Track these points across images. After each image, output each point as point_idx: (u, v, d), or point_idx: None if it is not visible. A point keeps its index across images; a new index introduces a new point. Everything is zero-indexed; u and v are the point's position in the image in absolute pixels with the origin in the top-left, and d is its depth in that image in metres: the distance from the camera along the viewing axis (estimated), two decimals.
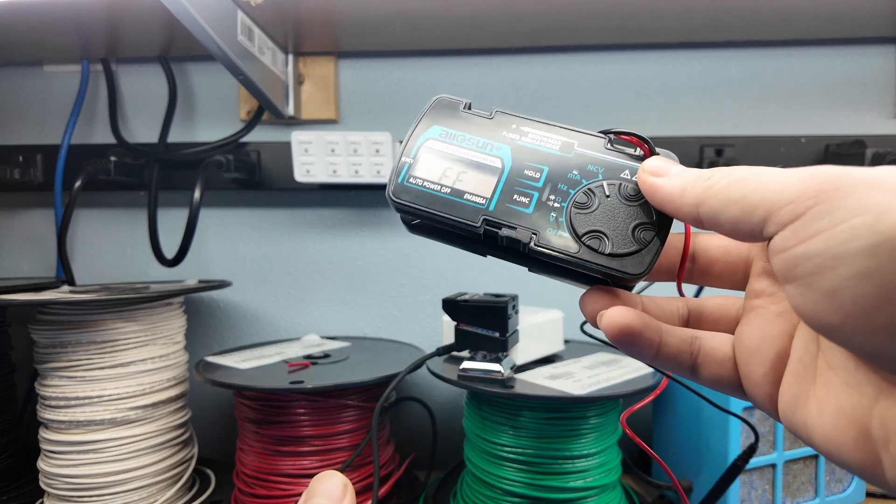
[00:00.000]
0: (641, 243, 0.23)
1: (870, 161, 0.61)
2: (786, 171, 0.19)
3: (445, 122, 0.26)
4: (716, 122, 0.72)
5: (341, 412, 0.57)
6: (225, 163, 0.68)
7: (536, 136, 0.25)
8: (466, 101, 0.26)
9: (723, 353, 0.24)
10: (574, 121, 0.24)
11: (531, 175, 0.25)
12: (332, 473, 0.22)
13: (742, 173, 0.20)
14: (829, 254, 0.16)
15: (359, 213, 0.77)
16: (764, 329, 0.23)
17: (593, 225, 0.23)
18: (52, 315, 0.55)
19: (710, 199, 0.20)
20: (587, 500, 0.50)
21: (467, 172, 0.25)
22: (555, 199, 0.24)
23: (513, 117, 0.26)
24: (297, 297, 0.78)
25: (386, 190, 0.25)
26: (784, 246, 0.18)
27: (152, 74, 0.76)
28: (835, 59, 0.71)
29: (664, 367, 0.24)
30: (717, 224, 0.20)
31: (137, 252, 0.79)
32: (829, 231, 0.16)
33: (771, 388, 0.22)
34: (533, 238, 0.24)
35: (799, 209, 0.17)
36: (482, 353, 0.52)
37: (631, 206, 0.24)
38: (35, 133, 0.78)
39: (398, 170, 0.25)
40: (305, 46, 0.73)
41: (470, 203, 0.24)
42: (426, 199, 0.25)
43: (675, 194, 0.22)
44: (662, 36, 0.70)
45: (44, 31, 0.67)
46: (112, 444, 0.55)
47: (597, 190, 0.24)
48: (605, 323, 0.23)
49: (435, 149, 0.25)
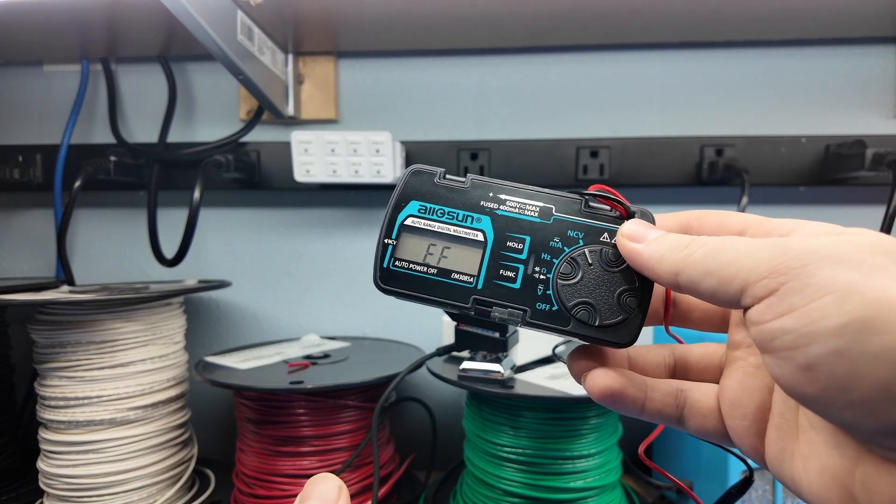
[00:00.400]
0: (628, 311, 0.24)
1: (870, 161, 0.61)
2: (759, 243, 0.19)
3: (423, 196, 0.26)
4: (716, 122, 0.72)
5: (341, 412, 0.57)
6: (225, 163, 0.68)
7: (514, 205, 0.25)
8: (441, 171, 0.26)
9: (707, 405, 0.24)
10: (575, 121, 0.24)
11: (514, 247, 0.25)
12: (327, 476, 0.22)
13: (716, 244, 0.20)
14: (802, 331, 0.17)
15: (359, 213, 0.77)
16: (744, 382, 0.23)
17: (580, 296, 0.24)
18: (52, 315, 0.55)
19: (687, 269, 0.21)
20: (587, 500, 0.50)
21: (451, 248, 0.25)
22: (540, 270, 0.25)
23: (489, 184, 0.26)
24: (297, 297, 0.78)
25: (372, 276, 0.25)
26: (760, 319, 0.18)
27: (152, 74, 0.76)
28: (835, 59, 0.71)
29: (651, 420, 0.25)
30: (697, 292, 0.21)
31: (137, 252, 0.79)
32: (801, 309, 0.17)
33: (755, 439, 0.23)
34: (524, 316, 0.24)
35: (772, 285, 0.18)
36: (482, 353, 0.52)
37: (613, 272, 0.24)
38: (35, 133, 0.78)
39: (381, 253, 0.25)
40: (305, 46, 0.73)
41: (458, 283, 0.25)
42: (414, 283, 0.25)
43: (654, 261, 0.22)
44: (663, 36, 0.70)
45: (43, 30, 0.67)
46: (112, 445, 0.55)
47: (579, 258, 0.24)
48: (588, 386, 0.24)
49: (416, 226, 0.25)
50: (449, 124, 0.75)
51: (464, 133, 0.74)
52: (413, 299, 0.25)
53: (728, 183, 0.70)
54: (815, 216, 0.79)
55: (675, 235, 0.22)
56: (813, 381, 0.17)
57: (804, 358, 0.17)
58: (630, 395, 0.24)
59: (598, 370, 0.24)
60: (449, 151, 0.72)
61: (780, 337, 0.18)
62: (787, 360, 0.18)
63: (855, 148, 0.64)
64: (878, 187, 0.70)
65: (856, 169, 0.63)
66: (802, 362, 0.17)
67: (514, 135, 0.74)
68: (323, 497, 0.21)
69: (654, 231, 0.23)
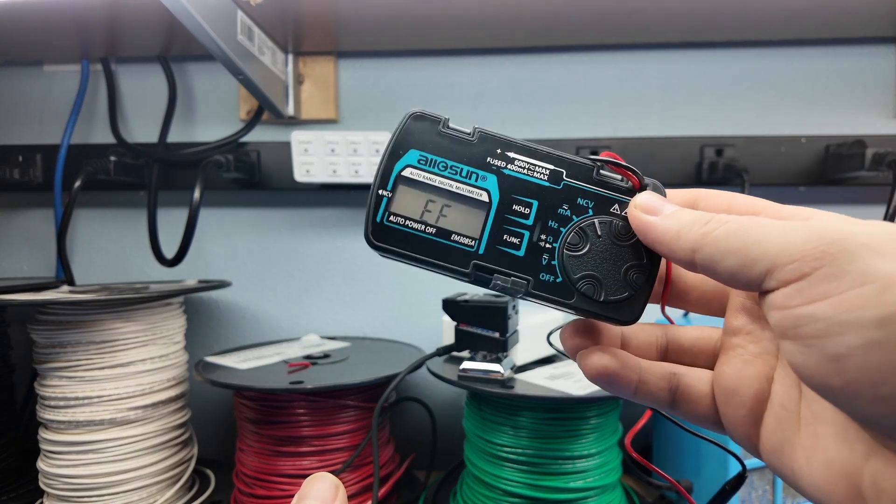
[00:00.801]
0: (633, 287, 0.23)
1: (870, 161, 0.61)
2: (788, 225, 0.19)
3: (423, 145, 0.23)
4: (716, 122, 0.72)
5: (341, 412, 0.57)
6: (225, 163, 0.68)
7: (523, 165, 0.24)
8: (444, 118, 0.24)
9: (701, 390, 0.24)
10: (575, 121, 0.23)
11: (520, 211, 0.23)
12: (324, 475, 0.22)
13: (742, 222, 0.19)
14: (836, 319, 0.16)
15: (359, 213, 0.77)
16: (742, 369, 0.23)
17: (586, 268, 0.23)
18: (52, 315, 0.55)
19: (707, 247, 0.20)
20: (587, 500, 0.50)
21: (451, 206, 0.23)
22: (546, 238, 0.23)
23: (496, 139, 0.24)
24: (296, 297, 0.78)
25: (364, 230, 0.23)
26: (786, 304, 0.18)
27: (152, 74, 0.76)
28: (835, 59, 0.71)
29: (643, 402, 0.24)
30: (714, 272, 0.20)
31: (137, 252, 0.79)
32: (836, 296, 0.16)
33: (751, 429, 0.22)
34: (527, 286, 0.23)
35: (804, 269, 0.17)
36: (482, 353, 0.52)
37: (622, 246, 0.23)
38: (34, 133, 0.78)
39: (374, 205, 0.23)
40: (305, 46, 0.73)
41: (458, 245, 0.23)
42: (410, 241, 0.23)
43: (670, 236, 0.21)
44: (663, 36, 0.70)
45: (44, 30, 0.67)
46: (112, 445, 0.55)
47: (588, 229, 0.23)
48: (583, 364, 0.23)
49: (414, 178, 0.23)
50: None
51: None
52: (407, 259, 0.23)
53: (728, 183, 0.70)
54: None
55: (693, 211, 0.21)
56: (840, 373, 0.16)
57: (834, 348, 0.16)
58: (624, 376, 0.23)
59: (595, 350, 0.23)
60: None
61: (809, 324, 0.17)
62: (814, 349, 0.17)
63: (855, 148, 0.64)
64: (878, 187, 0.70)
65: (856, 169, 0.63)
66: (832, 352, 0.16)
67: (513, 135, 0.73)
68: (320, 496, 0.21)
69: (670, 205, 0.22)
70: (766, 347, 0.23)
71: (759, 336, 0.23)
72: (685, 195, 0.24)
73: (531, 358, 0.57)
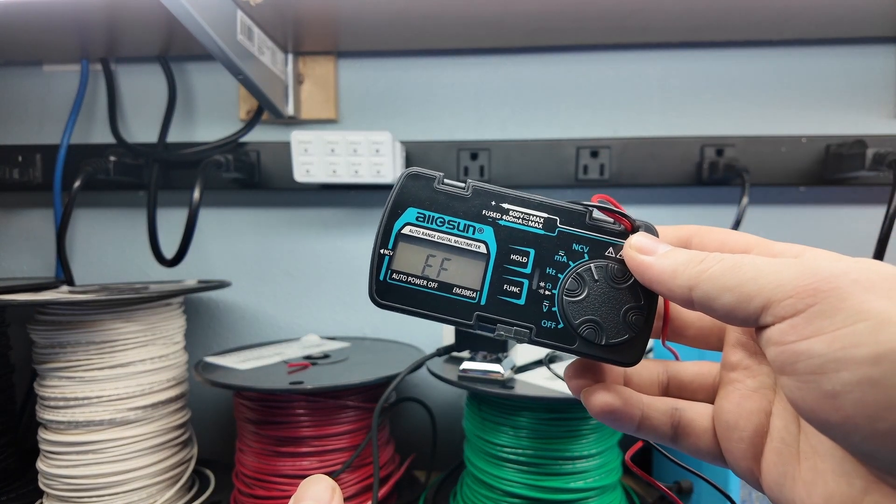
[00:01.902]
0: (633, 329, 0.23)
1: (870, 161, 0.61)
2: (781, 262, 0.19)
3: (420, 203, 0.24)
4: (716, 122, 0.72)
5: (341, 413, 0.57)
6: (224, 163, 0.68)
7: (517, 215, 0.24)
8: (439, 175, 0.24)
9: (702, 425, 0.24)
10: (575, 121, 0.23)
11: (518, 260, 0.24)
12: (320, 477, 0.22)
13: (736, 260, 0.20)
14: (832, 356, 0.17)
15: (359, 213, 0.77)
16: (741, 404, 0.23)
17: (586, 313, 0.23)
18: (51, 315, 0.55)
19: (703, 284, 0.20)
20: (588, 500, 0.50)
21: (451, 260, 0.24)
22: (545, 286, 0.24)
23: (490, 193, 0.24)
24: (296, 297, 0.78)
25: (368, 290, 0.24)
26: (782, 339, 0.18)
27: (152, 74, 0.76)
28: (835, 59, 0.71)
29: (646, 438, 0.25)
30: (710, 308, 0.20)
31: (137, 252, 0.79)
32: (830, 333, 0.17)
33: (752, 462, 0.23)
34: (529, 334, 0.24)
35: (799, 306, 0.18)
36: (482, 353, 0.52)
37: (619, 288, 0.24)
38: (34, 133, 0.78)
39: (377, 264, 0.24)
40: (305, 46, 0.73)
41: (460, 298, 0.24)
42: (413, 297, 0.24)
43: (666, 275, 0.22)
44: (663, 36, 0.70)
45: (43, 30, 0.67)
46: (111, 445, 0.55)
47: (585, 274, 0.24)
48: (587, 403, 0.24)
49: (413, 235, 0.24)
50: (449, 124, 0.75)
51: (464, 133, 0.74)
52: (412, 314, 0.24)
53: (728, 183, 0.70)
54: (815, 216, 0.79)
55: (686, 250, 0.22)
56: (837, 409, 0.17)
57: (830, 384, 0.17)
58: (627, 413, 0.24)
59: (598, 388, 0.24)
60: (449, 151, 0.72)
61: (805, 360, 0.17)
62: (810, 385, 0.17)
63: (855, 148, 0.64)
64: (878, 187, 0.70)
65: (856, 169, 0.63)
66: (828, 389, 0.17)
67: (513, 135, 0.73)
68: (316, 498, 0.21)
69: (664, 245, 0.23)
70: (763, 382, 0.23)
71: (757, 371, 0.23)
72: (678, 233, 0.25)
73: (531, 358, 0.57)
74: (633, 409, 0.24)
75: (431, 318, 0.24)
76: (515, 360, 0.55)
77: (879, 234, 0.55)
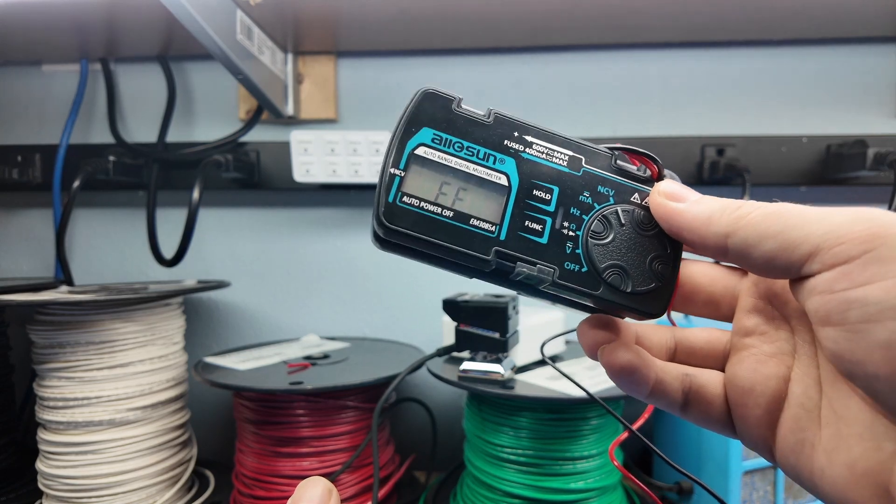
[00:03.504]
0: (659, 278, 0.22)
1: (871, 161, 0.61)
2: (827, 209, 0.18)
3: (437, 124, 0.22)
4: (717, 122, 0.72)
5: (341, 413, 0.57)
6: (224, 162, 0.68)
7: (542, 149, 0.23)
8: (458, 97, 0.23)
9: (713, 392, 0.23)
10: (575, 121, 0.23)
11: (541, 196, 0.22)
12: (317, 479, 0.21)
13: (777, 207, 0.19)
14: (890, 304, 0.16)
15: (359, 213, 0.76)
16: (757, 369, 0.22)
17: (612, 258, 0.22)
18: (51, 315, 0.55)
19: (742, 230, 0.19)
20: (588, 501, 0.50)
21: (468, 190, 0.22)
22: (569, 226, 0.22)
23: (512, 122, 0.23)
24: (296, 297, 0.78)
25: (374, 212, 0.21)
26: (830, 288, 0.17)
27: (151, 74, 0.76)
28: (836, 59, 0.70)
29: (656, 403, 0.24)
30: (747, 257, 0.19)
31: (136, 252, 0.78)
32: (890, 280, 0.16)
33: (766, 430, 0.22)
34: (553, 274, 0.22)
35: (852, 252, 0.17)
36: (482, 353, 0.52)
37: (646, 235, 0.23)
38: (33, 133, 0.78)
39: (387, 185, 0.21)
40: (305, 46, 0.73)
41: (477, 230, 0.21)
42: (425, 224, 0.21)
43: (700, 221, 0.21)
44: (663, 35, 0.70)
45: (42, 30, 0.67)
46: (111, 445, 0.55)
47: (612, 217, 0.22)
48: (606, 360, 0.23)
49: (428, 158, 0.22)
50: None
51: None
52: (422, 246, 0.21)
53: (729, 183, 0.69)
54: None
55: (722, 199, 0.21)
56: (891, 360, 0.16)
57: (886, 333, 0.16)
58: (645, 374, 0.23)
59: (619, 345, 0.22)
60: None
61: (859, 308, 0.16)
62: (861, 335, 0.16)
63: (856, 148, 0.64)
64: (879, 187, 0.70)
65: (857, 169, 0.62)
66: (882, 338, 0.16)
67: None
68: (313, 501, 0.21)
69: (695, 192, 0.22)
70: (781, 347, 0.22)
71: (774, 336, 0.23)
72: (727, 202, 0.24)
73: (532, 359, 0.57)
74: (649, 371, 0.23)
75: (445, 252, 0.21)
76: (515, 361, 0.54)
77: None
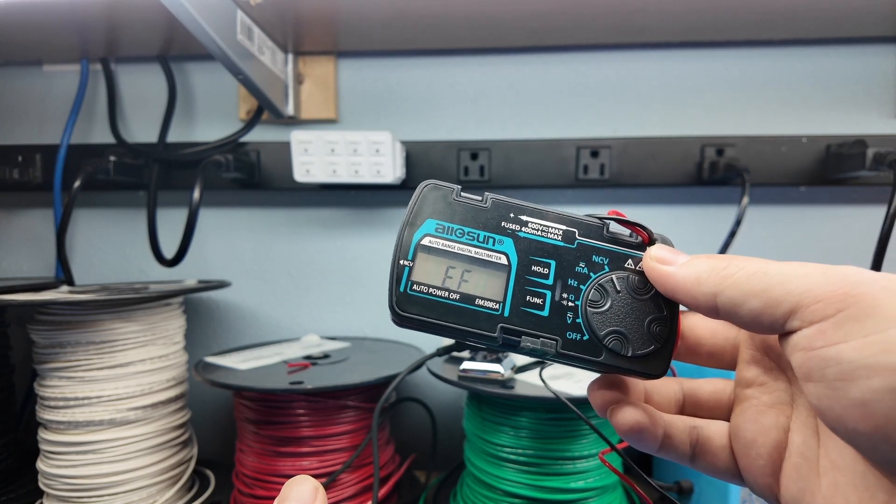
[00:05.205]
0: (658, 340, 0.23)
1: (871, 161, 0.61)
2: (807, 266, 0.19)
3: (440, 214, 0.24)
4: (716, 122, 0.72)
5: (341, 413, 0.57)
6: (224, 163, 0.68)
7: (536, 227, 0.24)
8: (457, 187, 0.24)
9: (719, 443, 0.24)
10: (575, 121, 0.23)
11: (540, 271, 0.24)
12: (304, 478, 0.22)
13: (760, 265, 0.20)
14: (862, 363, 0.16)
15: (359, 213, 0.77)
16: (758, 420, 0.23)
17: (611, 325, 0.23)
18: (51, 315, 0.55)
19: (728, 290, 0.20)
20: (588, 500, 0.50)
21: (472, 271, 0.23)
22: (568, 297, 0.24)
23: (507, 204, 0.24)
24: (296, 297, 0.78)
25: (388, 302, 0.23)
26: (810, 345, 0.18)
27: (151, 74, 0.76)
28: (835, 59, 0.71)
29: (665, 456, 0.24)
30: (736, 314, 0.20)
31: (136, 252, 0.78)
32: (861, 339, 0.16)
33: (770, 479, 0.22)
34: (556, 346, 0.23)
35: (828, 310, 0.17)
36: (482, 353, 0.52)
37: (641, 299, 0.24)
38: (34, 133, 0.78)
39: (397, 276, 0.23)
40: (305, 46, 0.73)
41: (483, 310, 0.23)
42: (435, 309, 0.23)
43: (690, 283, 0.22)
44: (663, 35, 0.70)
45: (43, 30, 0.67)
46: (111, 445, 0.55)
47: (607, 285, 0.24)
48: (616, 421, 0.24)
49: (433, 246, 0.23)
50: (449, 124, 0.75)
51: (464, 133, 0.74)
52: (433, 327, 0.23)
53: (729, 183, 0.70)
54: (815, 216, 0.79)
55: (709, 259, 0.22)
56: (866, 417, 0.16)
57: (860, 391, 0.16)
58: (653, 432, 0.24)
59: (626, 405, 0.24)
60: (449, 151, 0.72)
61: (834, 366, 0.17)
62: (839, 392, 0.17)
63: (856, 148, 0.64)
64: (878, 187, 0.70)
65: (857, 169, 0.62)
66: (858, 396, 0.16)
67: (514, 135, 0.73)
68: (300, 499, 0.21)
69: (683, 255, 0.23)
70: (779, 398, 0.23)
71: (773, 387, 0.23)
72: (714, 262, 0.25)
73: (531, 359, 0.57)
74: (657, 428, 0.24)
75: (454, 332, 0.23)
76: (515, 361, 0.54)
77: (879, 234, 0.55)
